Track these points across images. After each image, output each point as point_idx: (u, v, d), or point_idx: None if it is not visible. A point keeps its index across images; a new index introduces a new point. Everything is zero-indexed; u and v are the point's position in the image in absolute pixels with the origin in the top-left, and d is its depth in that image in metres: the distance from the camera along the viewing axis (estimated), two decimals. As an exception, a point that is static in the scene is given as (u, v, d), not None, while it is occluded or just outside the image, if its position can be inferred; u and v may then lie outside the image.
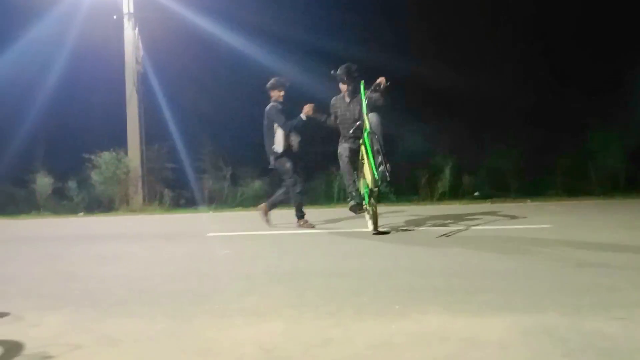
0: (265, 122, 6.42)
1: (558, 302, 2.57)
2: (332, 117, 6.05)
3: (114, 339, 2.22)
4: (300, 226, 6.30)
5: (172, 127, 12.71)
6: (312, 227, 6.29)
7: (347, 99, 5.91)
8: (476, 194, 11.25)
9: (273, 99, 6.45)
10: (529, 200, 10.17)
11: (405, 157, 12.14)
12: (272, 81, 6.48)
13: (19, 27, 12.76)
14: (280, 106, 6.38)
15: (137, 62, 12.20)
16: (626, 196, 10.27)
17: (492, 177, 11.76)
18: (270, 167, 6.57)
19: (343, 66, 5.89)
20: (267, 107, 6.43)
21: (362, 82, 5.57)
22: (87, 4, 12.00)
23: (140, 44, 12.30)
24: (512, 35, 14.34)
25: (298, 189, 6.31)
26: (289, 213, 6.64)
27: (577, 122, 12.16)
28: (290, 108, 6.45)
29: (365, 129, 5.23)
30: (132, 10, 12.20)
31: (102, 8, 12.22)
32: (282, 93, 6.43)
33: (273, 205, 6.60)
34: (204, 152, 12.66)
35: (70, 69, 13.09)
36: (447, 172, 11.43)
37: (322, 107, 6.19)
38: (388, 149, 5.42)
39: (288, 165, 6.29)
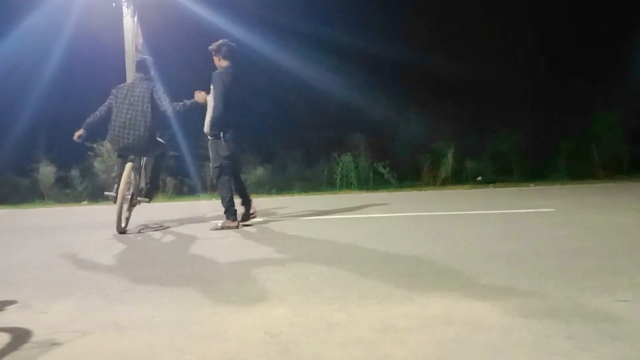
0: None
1: (562, 285, 2.58)
2: None
3: (121, 326, 2.24)
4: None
5: (173, 115, 12.67)
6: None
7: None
8: (479, 178, 11.25)
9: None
10: (532, 184, 10.16)
11: (407, 143, 12.14)
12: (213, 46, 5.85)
13: (19, 15, 12.68)
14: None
15: (136, 49, 12.14)
16: (630, 179, 10.25)
17: (495, 162, 11.74)
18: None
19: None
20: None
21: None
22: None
23: (139, 32, 12.23)
24: (512, 19, 14.24)
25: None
26: (294, 200, 6.64)
27: (580, 105, 12.12)
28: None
29: None
30: (131, -3, 12.11)
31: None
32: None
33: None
34: (205, 139, 12.66)
35: (71, 57, 13.06)
36: (449, 157, 11.42)
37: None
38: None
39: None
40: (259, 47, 12.17)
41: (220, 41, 5.66)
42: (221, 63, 5.69)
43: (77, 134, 5.80)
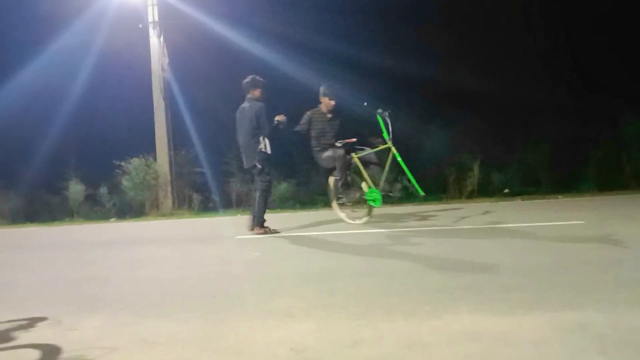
0: (250, 121, 6.15)
1: (593, 298, 2.52)
2: (304, 127, 6.51)
3: (149, 342, 2.26)
4: (257, 233, 6.08)
5: (198, 132, 12.89)
6: (277, 232, 6.13)
7: (329, 115, 6.50)
8: (506, 191, 11.07)
9: (255, 97, 6.26)
10: (560, 196, 9.96)
11: (431, 156, 12.04)
12: (248, 80, 6.31)
13: (48, 37, 13.10)
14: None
15: (163, 69, 12.40)
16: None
17: (522, 173, 11.55)
18: (255, 168, 6.20)
19: (327, 84, 6.59)
20: (257, 106, 6.18)
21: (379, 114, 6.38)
22: (114, 14, 12.27)
23: (165, 52, 12.50)
24: (539, 29, 14.10)
25: (269, 191, 6.33)
26: (314, 215, 6.65)
27: (609, 113, 11.88)
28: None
29: (396, 154, 6.27)
30: (156, 19, 12.41)
31: (128, 17, 12.47)
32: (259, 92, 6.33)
33: (261, 218, 6.20)
34: (229, 155, 12.79)
35: (99, 77, 13.40)
36: (475, 169, 11.27)
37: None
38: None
39: (266, 165, 6.22)
40: (280, 64, 12.33)
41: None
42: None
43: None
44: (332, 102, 6.45)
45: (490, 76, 12.97)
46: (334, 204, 6.75)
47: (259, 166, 6.15)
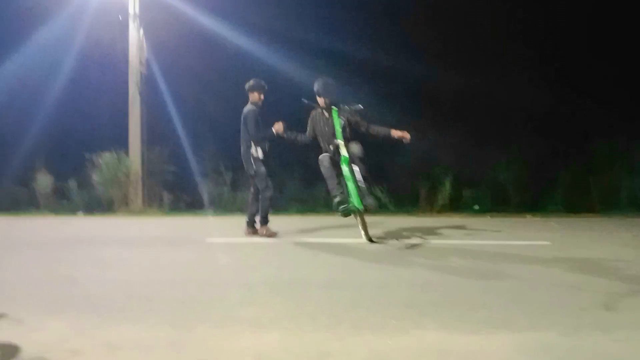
0: (242, 125, 6.17)
1: (557, 321, 2.58)
2: (310, 131, 5.98)
3: (113, 346, 2.23)
4: (263, 235, 6.13)
5: (175, 130, 12.74)
6: (275, 234, 6.12)
7: (326, 114, 5.82)
8: (476, 207, 11.24)
9: (252, 101, 6.22)
10: (529, 215, 10.16)
11: (405, 168, 12.14)
12: (252, 83, 6.25)
13: (24, 28, 12.81)
14: (258, 110, 6.19)
15: (140, 63, 12.23)
16: (627, 214, 10.27)
17: (493, 191, 11.74)
18: (251, 173, 6.21)
19: (320, 80, 5.86)
20: (246, 110, 6.16)
21: (335, 109, 5.70)
22: (93, 5, 12.05)
23: (144, 45, 12.33)
24: (514, 47, 14.35)
25: (268, 193, 6.16)
26: (291, 220, 6.64)
27: (580, 136, 12.18)
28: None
29: (344, 157, 5.44)
30: (137, 12, 12.23)
31: (107, 9, 12.26)
32: (262, 96, 6.24)
33: (265, 219, 6.21)
34: (205, 155, 12.68)
35: (74, 70, 13.12)
36: (447, 184, 11.42)
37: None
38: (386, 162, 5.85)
39: (262, 169, 6.13)
40: (267, 60, 12.26)
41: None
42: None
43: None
44: (323, 100, 5.80)
45: (470, 88, 13.15)
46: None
47: (252, 172, 6.17)
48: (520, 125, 13.21)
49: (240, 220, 6.30)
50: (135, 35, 12.28)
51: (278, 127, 6.12)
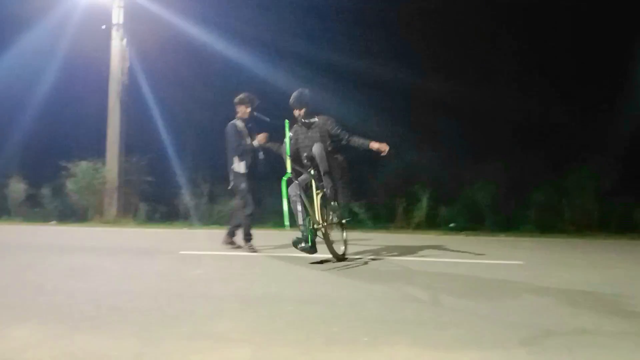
0: (226, 139, 6.17)
1: (526, 340, 2.60)
2: (292, 143, 5.55)
3: (76, 357, 2.18)
4: (246, 249, 6.08)
5: (155, 140, 12.65)
6: (255, 251, 6.04)
7: (304, 127, 5.56)
8: (452, 225, 11.35)
9: (239, 115, 6.19)
10: (503, 235, 10.29)
11: (383, 184, 12.23)
12: (241, 96, 6.21)
13: (7, 34, 12.67)
14: (241, 125, 6.14)
15: (122, 72, 12.16)
16: (598, 236, 10.47)
17: (469, 209, 11.88)
18: (229, 187, 6.24)
19: (295, 92, 5.57)
20: (228, 124, 6.16)
21: (287, 121, 5.39)
22: (76, 14, 11.97)
23: (127, 55, 12.27)
24: (497, 68, 14.62)
25: (248, 210, 6.06)
26: (267, 234, 6.60)
27: (556, 157, 12.43)
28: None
29: (287, 173, 5.17)
30: (121, 21, 12.18)
31: (91, 18, 12.18)
32: (248, 110, 6.17)
33: (247, 235, 6.13)
34: (183, 167, 12.61)
35: (55, 77, 13.00)
36: (424, 201, 11.53)
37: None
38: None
39: (243, 185, 6.06)
40: (254, 69, 12.28)
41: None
42: None
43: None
44: (298, 112, 5.51)
45: (448, 109, 13.33)
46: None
47: (231, 187, 6.17)
48: (498, 145, 13.43)
49: (216, 233, 6.25)
50: (117, 44, 12.22)
51: (260, 139, 6.06)
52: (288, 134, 5.38)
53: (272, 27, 13.55)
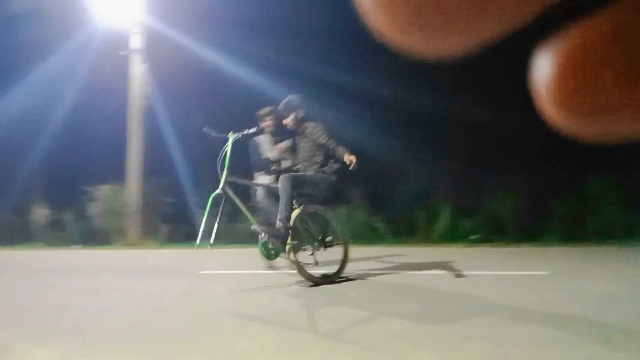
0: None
1: (552, 354, 2.54)
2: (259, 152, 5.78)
3: (100, 378, 2.19)
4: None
5: (175, 161, 12.81)
6: (275, 269, 5.86)
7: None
8: (474, 237, 11.20)
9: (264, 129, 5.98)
10: (526, 246, 10.12)
11: (404, 198, 12.17)
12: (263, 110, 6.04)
13: (30, 60, 13.02)
14: (264, 137, 6.06)
15: (142, 96, 12.38)
16: (622, 245, 10.23)
17: (490, 221, 11.72)
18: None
19: (284, 99, 5.48)
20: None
21: (231, 134, 5.17)
22: (96, 39, 12.27)
23: (146, 79, 12.50)
24: (520, 72, 14.51)
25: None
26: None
27: (578, 167, 12.23)
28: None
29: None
30: (140, 46, 12.44)
31: (110, 42, 12.47)
32: (268, 122, 5.99)
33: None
34: (202, 187, 12.71)
35: (75, 102, 13.29)
36: (445, 214, 11.42)
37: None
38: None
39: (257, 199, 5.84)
40: (271, 93, 12.41)
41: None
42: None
43: None
44: (285, 121, 5.44)
45: (468, 119, 13.24)
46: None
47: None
48: (519, 155, 13.28)
49: (236, 252, 6.25)
50: (137, 69, 12.47)
51: (272, 154, 5.97)
52: (230, 145, 5.11)
53: (291, 50, 13.71)
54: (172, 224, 12.26)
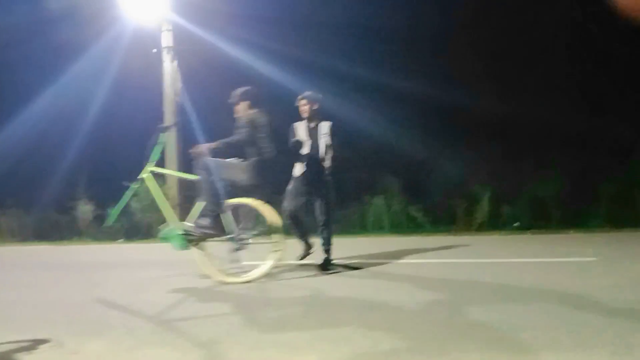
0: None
1: (606, 341, 2.44)
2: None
3: (150, 370, 2.22)
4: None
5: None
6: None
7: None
8: (516, 224, 10.94)
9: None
10: (571, 231, 9.83)
11: (442, 186, 11.97)
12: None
13: (65, 61, 13.36)
14: (298, 123, 5.75)
15: (175, 93, 12.57)
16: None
17: (533, 207, 11.42)
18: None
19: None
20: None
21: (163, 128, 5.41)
22: (129, 38, 12.49)
23: (178, 76, 12.68)
24: (555, 58, 14.09)
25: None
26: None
27: (623, 147, 11.77)
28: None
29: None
30: (171, 44, 12.63)
31: (142, 41, 12.68)
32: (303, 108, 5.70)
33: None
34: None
35: (113, 100, 13.59)
36: (485, 201, 11.18)
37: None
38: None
39: (289, 187, 5.66)
40: (299, 89, 12.43)
41: (312, 92, 5.69)
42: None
43: None
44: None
45: (508, 106, 12.93)
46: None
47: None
48: (559, 138, 12.90)
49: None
50: (169, 66, 12.67)
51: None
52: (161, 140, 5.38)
53: (321, 47, 13.64)
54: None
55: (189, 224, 4.90)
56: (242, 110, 5.36)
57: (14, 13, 13.37)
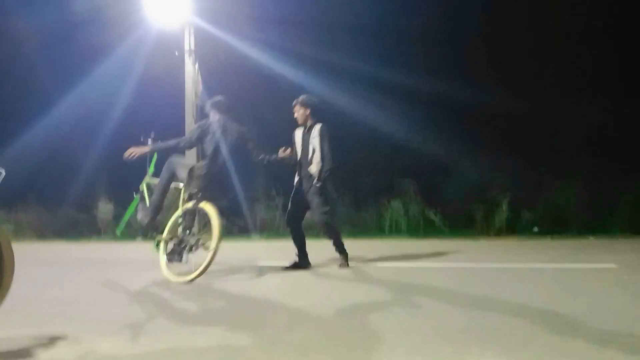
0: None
1: (625, 348, 2.40)
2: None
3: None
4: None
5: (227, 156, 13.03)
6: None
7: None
8: (535, 229, 10.82)
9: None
10: (592, 237, 9.68)
11: (460, 190, 11.89)
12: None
13: (89, 63, 13.61)
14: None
15: (196, 95, 12.69)
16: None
17: (552, 212, 11.28)
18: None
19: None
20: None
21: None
22: (151, 41, 12.67)
23: (199, 78, 12.81)
24: (574, 65, 13.92)
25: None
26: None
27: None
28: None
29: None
30: (192, 47, 12.76)
31: (164, 44, 12.85)
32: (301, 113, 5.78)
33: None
34: (257, 181, 12.90)
35: (135, 101, 13.79)
36: (504, 206, 11.07)
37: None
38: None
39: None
40: (318, 91, 12.45)
41: (306, 95, 5.73)
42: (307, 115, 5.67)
43: None
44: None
45: (526, 108, 12.81)
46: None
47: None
48: (578, 144, 12.74)
49: (292, 244, 6.25)
50: (190, 69, 12.80)
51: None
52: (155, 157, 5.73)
53: (342, 49, 13.67)
54: (229, 216, 12.52)
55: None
56: (211, 117, 5.52)
57: (42, 16, 13.67)
